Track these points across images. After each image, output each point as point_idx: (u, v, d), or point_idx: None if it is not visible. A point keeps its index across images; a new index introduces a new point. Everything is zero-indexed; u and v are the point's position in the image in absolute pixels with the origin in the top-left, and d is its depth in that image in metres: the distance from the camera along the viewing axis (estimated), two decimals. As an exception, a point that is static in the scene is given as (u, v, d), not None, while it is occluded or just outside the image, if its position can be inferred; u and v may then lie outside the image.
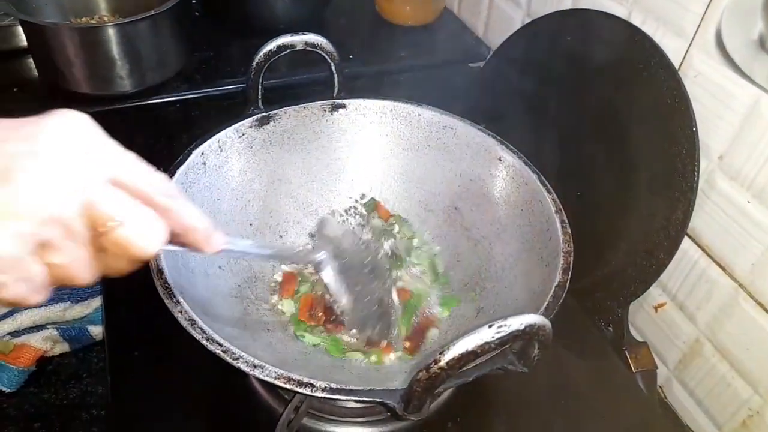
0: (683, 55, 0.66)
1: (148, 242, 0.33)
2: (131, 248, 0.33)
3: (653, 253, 0.67)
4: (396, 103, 0.68)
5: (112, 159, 0.33)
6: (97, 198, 0.31)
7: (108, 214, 0.32)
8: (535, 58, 0.84)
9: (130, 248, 0.33)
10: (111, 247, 0.33)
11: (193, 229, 0.37)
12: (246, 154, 0.64)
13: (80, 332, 0.78)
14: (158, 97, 0.88)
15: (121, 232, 0.32)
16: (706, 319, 0.69)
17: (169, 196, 0.35)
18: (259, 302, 0.61)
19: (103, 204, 0.31)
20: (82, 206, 0.31)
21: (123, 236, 0.32)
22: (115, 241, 0.32)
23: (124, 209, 0.32)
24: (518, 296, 0.55)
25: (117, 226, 0.32)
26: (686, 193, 0.64)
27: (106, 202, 0.32)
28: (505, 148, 0.63)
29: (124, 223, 0.32)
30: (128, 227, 0.32)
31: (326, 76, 0.69)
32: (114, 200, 0.32)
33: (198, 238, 0.38)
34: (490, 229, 0.63)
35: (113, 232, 0.32)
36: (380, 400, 0.41)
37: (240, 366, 0.42)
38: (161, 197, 0.35)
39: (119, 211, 0.32)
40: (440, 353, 0.36)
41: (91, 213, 0.31)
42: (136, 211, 0.33)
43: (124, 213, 0.32)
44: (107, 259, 0.33)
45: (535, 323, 0.37)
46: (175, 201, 0.36)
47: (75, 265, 0.32)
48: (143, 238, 0.33)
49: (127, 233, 0.32)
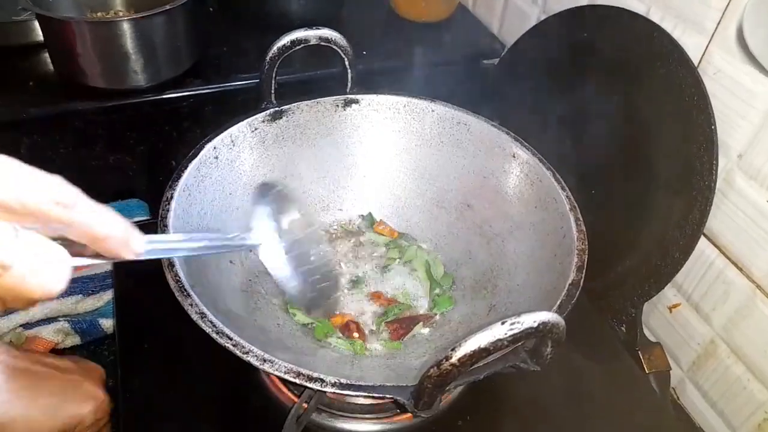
0: (702, 52, 0.65)
1: (47, 282, 0.28)
2: (27, 293, 0.28)
3: (669, 252, 0.66)
4: (409, 98, 0.68)
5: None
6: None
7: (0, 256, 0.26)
8: (550, 55, 0.83)
9: (26, 293, 0.28)
10: (3, 294, 0.28)
11: (104, 238, 0.31)
12: (258, 148, 0.64)
13: (91, 325, 0.78)
14: (172, 92, 0.88)
15: (11, 278, 0.27)
16: (721, 321, 0.68)
17: (67, 206, 0.29)
18: (269, 297, 0.61)
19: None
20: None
21: (14, 281, 0.27)
22: (6, 286, 0.27)
23: (8, 248, 0.27)
24: (531, 294, 0.55)
25: (3, 273, 0.27)
26: (704, 192, 0.63)
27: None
28: (520, 144, 0.63)
29: (12, 266, 0.27)
30: (17, 269, 0.27)
31: (339, 71, 0.68)
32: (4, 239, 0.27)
33: (112, 246, 0.32)
34: (503, 227, 0.63)
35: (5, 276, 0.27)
36: (391, 396, 0.41)
37: (250, 360, 0.42)
38: (58, 210, 0.29)
39: (4, 255, 0.27)
40: (452, 350, 0.36)
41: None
42: (24, 247, 0.27)
43: (9, 253, 0.27)
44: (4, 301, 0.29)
45: (549, 321, 0.37)
46: (76, 211, 0.30)
47: None
48: (40, 279, 0.28)
49: (17, 277, 0.27)
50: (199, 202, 0.57)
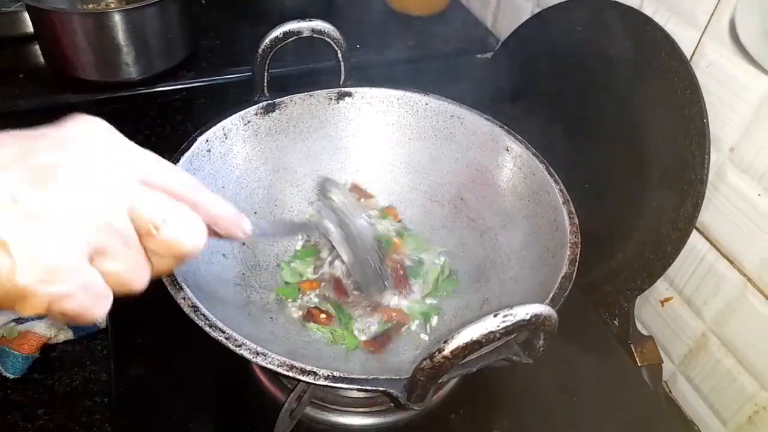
0: (695, 45, 0.65)
1: (194, 238, 0.33)
2: (180, 246, 0.33)
3: (661, 246, 0.66)
4: (403, 92, 0.68)
5: (138, 160, 0.33)
6: (137, 201, 0.31)
7: (151, 216, 0.31)
8: (544, 49, 0.83)
9: (178, 246, 0.32)
10: (158, 249, 0.32)
11: (222, 218, 0.37)
12: (251, 141, 0.64)
13: (84, 319, 0.78)
14: (164, 85, 0.87)
15: (167, 232, 0.32)
16: (712, 314, 0.68)
17: (194, 189, 0.35)
18: (263, 290, 0.60)
19: (145, 206, 0.31)
20: (128, 210, 0.30)
21: (169, 236, 0.32)
22: (163, 241, 0.32)
23: (165, 209, 0.32)
24: (524, 287, 0.55)
25: (162, 227, 0.31)
26: (696, 186, 0.63)
27: (146, 204, 0.31)
28: (513, 137, 0.62)
29: (168, 222, 0.32)
30: (172, 226, 0.32)
31: (333, 64, 0.68)
32: (153, 201, 0.32)
33: (228, 225, 0.38)
34: (497, 220, 0.63)
35: (160, 234, 0.31)
36: (383, 389, 0.40)
37: (243, 353, 0.42)
38: (189, 191, 0.34)
39: (161, 211, 0.32)
40: (444, 342, 0.36)
41: (134, 216, 0.31)
42: (176, 208, 0.33)
43: (166, 212, 0.32)
44: (155, 261, 0.33)
45: (541, 313, 0.37)
46: (200, 193, 0.35)
47: (131, 271, 0.31)
48: (189, 235, 0.33)
49: (172, 232, 0.32)
50: None
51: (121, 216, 0.30)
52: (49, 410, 0.73)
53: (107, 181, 0.30)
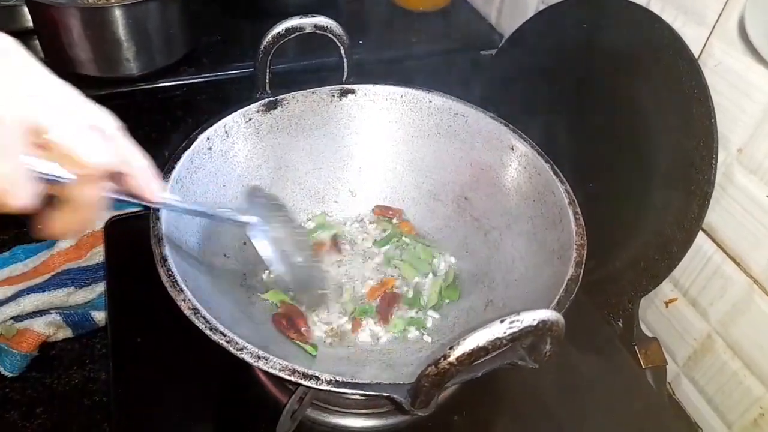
0: (703, 44, 0.64)
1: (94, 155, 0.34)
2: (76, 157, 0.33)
3: (666, 247, 0.65)
4: (406, 89, 0.67)
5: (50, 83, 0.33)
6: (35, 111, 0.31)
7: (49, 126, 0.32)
8: (549, 46, 0.82)
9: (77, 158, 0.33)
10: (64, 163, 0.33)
11: (134, 168, 0.38)
12: (252, 139, 0.63)
13: (83, 318, 0.77)
14: (165, 81, 0.87)
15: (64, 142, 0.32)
16: (718, 316, 0.68)
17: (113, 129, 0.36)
18: (264, 291, 0.60)
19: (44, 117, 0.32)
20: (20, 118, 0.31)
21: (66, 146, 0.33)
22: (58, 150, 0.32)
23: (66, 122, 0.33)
24: (529, 289, 0.54)
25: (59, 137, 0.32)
26: (703, 187, 0.62)
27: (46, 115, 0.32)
28: (518, 136, 0.62)
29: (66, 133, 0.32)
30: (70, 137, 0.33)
31: (335, 61, 0.67)
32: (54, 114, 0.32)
33: (138, 181, 0.38)
34: (501, 220, 0.62)
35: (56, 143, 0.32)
36: (387, 394, 0.40)
37: (244, 357, 0.41)
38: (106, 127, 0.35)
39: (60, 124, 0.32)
40: (450, 348, 0.35)
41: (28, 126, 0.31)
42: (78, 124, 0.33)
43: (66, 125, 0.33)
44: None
45: (548, 319, 0.36)
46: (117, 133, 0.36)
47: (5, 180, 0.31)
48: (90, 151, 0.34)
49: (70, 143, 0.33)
50: (191, 194, 0.56)
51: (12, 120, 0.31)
52: (48, 409, 0.72)
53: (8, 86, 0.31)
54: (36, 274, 0.81)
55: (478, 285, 0.61)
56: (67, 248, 0.83)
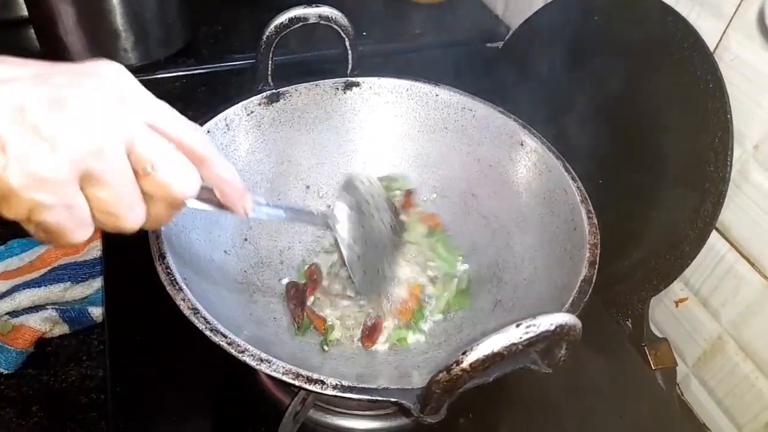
0: (719, 37, 0.62)
1: (185, 183, 0.34)
2: (170, 189, 0.33)
3: (679, 246, 0.64)
4: (413, 82, 0.65)
5: (148, 104, 0.33)
6: (138, 137, 0.31)
7: (147, 155, 0.32)
8: (558, 39, 0.80)
9: (169, 189, 0.33)
10: (151, 190, 0.33)
11: (226, 183, 0.38)
12: (254, 133, 0.62)
13: (80, 313, 0.76)
14: (163, 72, 0.85)
15: (160, 173, 0.32)
16: (730, 316, 0.66)
17: (203, 146, 0.35)
18: (266, 289, 0.58)
19: (143, 144, 0.32)
20: (125, 143, 0.31)
21: (162, 177, 0.33)
22: (155, 182, 0.33)
23: (162, 151, 0.33)
24: (540, 290, 0.52)
25: (156, 167, 0.32)
26: (717, 184, 0.60)
27: (146, 143, 0.32)
28: (528, 132, 0.60)
29: (163, 164, 0.32)
30: (166, 168, 0.33)
31: (339, 53, 0.66)
32: (153, 142, 0.32)
33: (231, 195, 0.38)
34: (510, 218, 0.61)
35: (154, 173, 0.32)
36: (395, 399, 0.38)
37: (245, 360, 0.40)
38: (197, 146, 0.35)
39: (158, 153, 0.32)
40: (463, 353, 0.34)
41: (131, 152, 0.31)
42: (173, 153, 0.33)
43: (163, 154, 0.33)
44: (148, 205, 0.34)
45: (566, 323, 0.35)
46: (209, 152, 0.36)
47: (119, 203, 0.32)
48: (181, 180, 0.33)
49: (165, 174, 0.33)
50: None
51: (115, 146, 0.31)
52: (44, 407, 0.71)
53: (111, 113, 0.31)
54: (32, 269, 0.80)
55: (485, 285, 0.60)
56: (64, 243, 0.81)
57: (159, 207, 0.34)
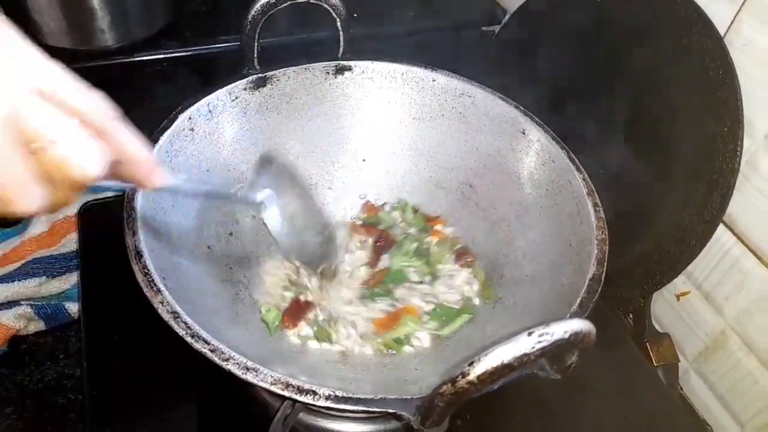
0: (731, 21, 0.59)
1: (88, 163, 0.30)
2: (69, 170, 0.29)
3: (684, 239, 0.62)
4: (408, 66, 0.63)
5: (38, 66, 0.29)
6: (25, 110, 0.27)
7: (39, 130, 0.28)
8: (558, 22, 0.77)
9: (68, 170, 0.29)
10: (46, 171, 0.29)
11: (132, 157, 0.34)
12: (239, 119, 0.59)
13: (57, 309, 0.72)
14: (143, 54, 0.81)
15: (56, 151, 0.28)
16: (734, 311, 0.65)
17: (104, 115, 0.31)
18: (252, 287, 0.56)
19: (33, 117, 0.28)
20: (6, 117, 0.27)
21: (59, 156, 0.28)
22: (51, 162, 0.28)
23: (57, 124, 0.28)
24: (543, 287, 0.50)
25: (50, 144, 0.28)
26: (726, 175, 0.58)
27: (35, 116, 0.28)
28: (530, 120, 0.58)
29: (58, 140, 0.28)
30: (63, 145, 0.28)
31: (330, 35, 0.63)
32: (45, 114, 0.28)
33: (137, 168, 0.34)
34: (510, 210, 0.59)
35: (47, 151, 0.28)
36: (393, 410, 0.36)
37: (230, 368, 0.37)
38: (99, 116, 0.31)
39: (52, 127, 0.28)
40: (469, 364, 0.31)
41: (18, 127, 0.27)
42: (71, 127, 0.29)
43: (58, 129, 0.28)
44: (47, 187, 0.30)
45: (581, 330, 0.32)
46: (111, 122, 0.32)
47: (7, 186, 0.28)
48: (82, 158, 0.29)
49: (63, 152, 0.29)
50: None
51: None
52: (19, 408, 0.68)
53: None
54: (5, 262, 0.76)
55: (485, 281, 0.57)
56: (40, 234, 0.77)
57: (60, 189, 0.30)
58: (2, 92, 0.26)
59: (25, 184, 0.28)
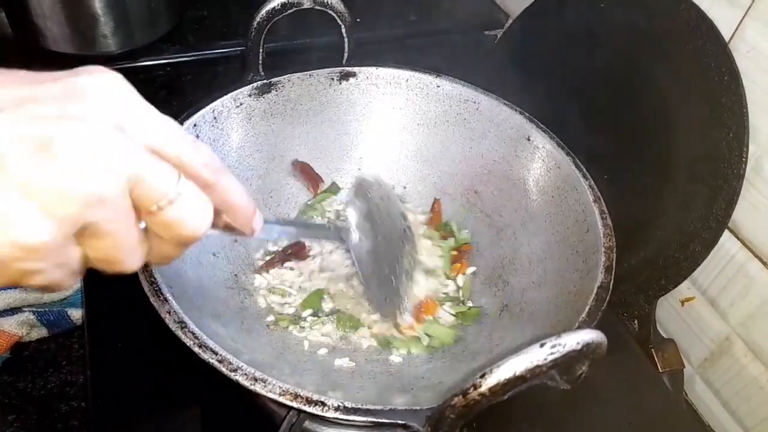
0: (735, 27, 0.59)
1: (198, 222, 0.29)
2: (181, 229, 0.29)
3: (689, 245, 0.62)
4: (412, 72, 0.63)
5: (152, 125, 0.28)
6: (142, 172, 0.27)
7: (155, 192, 0.27)
8: (561, 27, 0.77)
9: (180, 229, 0.29)
10: (158, 229, 0.29)
11: (237, 208, 0.33)
12: (244, 126, 0.59)
13: (59, 316, 0.72)
14: (146, 60, 0.82)
15: (171, 212, 0.28)
16: (740, 317, 0.64)
17: (213, 169, 0.31)
18: (258, 295, 0.55)
19: (150, 179, 0.27)
20: (129, 182, 0.26)
21: (173, 216, 0.28)
22: (164, 221, 0.28)
23: (173, 186, 0.28)
24: (550, 294, 0.50)
25: (166, 206, 0.28)
26: (731, 181, 0.58)
27: (152, 178, 0.27)
28: (535, 126, 0.58)
29: (175, 201, 0.28)
30: (178, 206, 0.28)
31: (334, 40, 0.63)
32: (161, 175, 0.27)
33: (241, 219, 0.34)
34: (515, 217, 0.58)
35: (162, 213, 0.28)
36: (403, 422, 0.36)
37: (238, 379, 0.37)
38: (207, 171, 0.30)
39: (168, 189, 0.28)
40: (481, 376, 0.31)
41: (136, 189, 0.27)
42: (186, 187, 0.29)
43: (173, 190, 0.28)
44: (152, 242, 0.30)
45: (593, 341, 0.32)
46: (220, 175, 0.31)
47: (120, 250, 0.28)
48: (195, 217, 0.29)
49: (177, 213, 0.28)
50: None
51: (118, 190, 0.26)
52: (21, 416, 0.68)
53: (110, 146, 0.26)
54: (7, 269, 0.75)
55: (490, 288, 0.57)
56: (42, 240, 0.77)
57: (166, 245, 0.30)
58: (124, 160, 0.26)
59: (135, 246, 0.28)
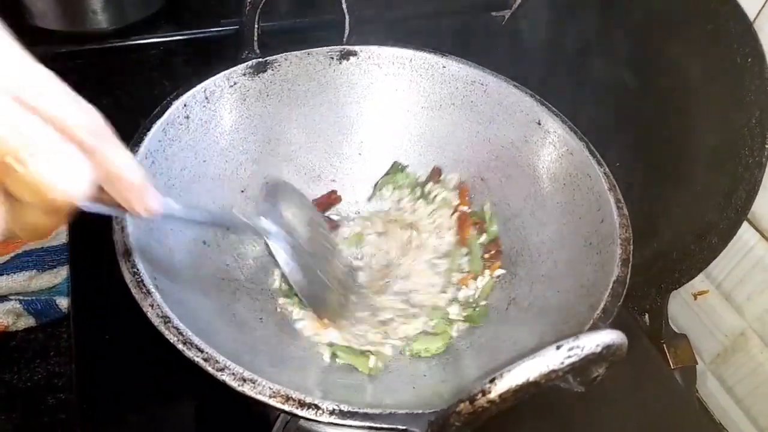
0: (761, 5, 0.56)
1: (69, 183, 0.25)
2: (46, 190, 0.25)
3: (705, 237, 0.59)
4: (416, 52, 0.61)
5: (18, 72, 0.25)
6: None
7: (13, 143, 0.24)
8: (573, 7, 0.74)
9: (44, 190, 0.25)
10: (20, 191, 0.25)
11: (123, 179, 0.30)
12: (238, 107, 0.57)
13: (47, 305, 0.71)
14: (138, 38, 0.79)
15: (34, 170, 0.24)
16: (756, 312, 0.62)
17: (95, 133, 0.27)
18: (251, 285, 0.53)
19: (6, 127, 0.24)
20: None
21: (36, 175, 0.24)
22: (26, 181, 0.25)
23: (35, 136, 0.25)
24: (561, 288, 0.47)
25: (28, 160, 0.24)
26: (752, 170, 0.55)
27: (10, 126, 0.24)
28: (546, 109, 0.55)
29: (35, 154, 0.24)
30: (40, 161, 0.24)
31: (334, 18, 0.61)
32: (22, 125, 0.24)
33: (128, 192, 0.31)
34: (524, 205, 0.56)
35: (23, 170, 0.24)
36: (403, 427, 0.33)
37: (225, 379, 0.34)
38: (83, 132, 0.27)
39: (30, 141, 0.24)
40: (490, 381, 0.28)
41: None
42: (51, 140, 0.25)
43: (35, 141, 0.24)
44: (16, 208, 0.26)
45: (614, 343, 0.29)
46: (103, 141, 0.28)
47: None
48: (62, 177, 0.25)
49: (39, 169, 0.24)
50: (165, 171, 0.49)
51: None
52: (8, 409, 0.67)
53: None
54: (-6, 255, 0.73)
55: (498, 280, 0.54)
56: (30, 226, 0.75)
57: (32, 213, 0.26)
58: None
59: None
